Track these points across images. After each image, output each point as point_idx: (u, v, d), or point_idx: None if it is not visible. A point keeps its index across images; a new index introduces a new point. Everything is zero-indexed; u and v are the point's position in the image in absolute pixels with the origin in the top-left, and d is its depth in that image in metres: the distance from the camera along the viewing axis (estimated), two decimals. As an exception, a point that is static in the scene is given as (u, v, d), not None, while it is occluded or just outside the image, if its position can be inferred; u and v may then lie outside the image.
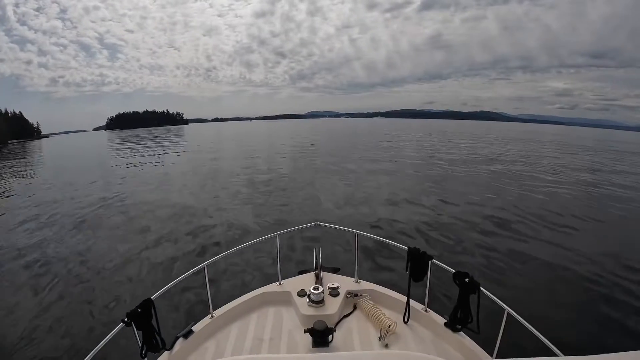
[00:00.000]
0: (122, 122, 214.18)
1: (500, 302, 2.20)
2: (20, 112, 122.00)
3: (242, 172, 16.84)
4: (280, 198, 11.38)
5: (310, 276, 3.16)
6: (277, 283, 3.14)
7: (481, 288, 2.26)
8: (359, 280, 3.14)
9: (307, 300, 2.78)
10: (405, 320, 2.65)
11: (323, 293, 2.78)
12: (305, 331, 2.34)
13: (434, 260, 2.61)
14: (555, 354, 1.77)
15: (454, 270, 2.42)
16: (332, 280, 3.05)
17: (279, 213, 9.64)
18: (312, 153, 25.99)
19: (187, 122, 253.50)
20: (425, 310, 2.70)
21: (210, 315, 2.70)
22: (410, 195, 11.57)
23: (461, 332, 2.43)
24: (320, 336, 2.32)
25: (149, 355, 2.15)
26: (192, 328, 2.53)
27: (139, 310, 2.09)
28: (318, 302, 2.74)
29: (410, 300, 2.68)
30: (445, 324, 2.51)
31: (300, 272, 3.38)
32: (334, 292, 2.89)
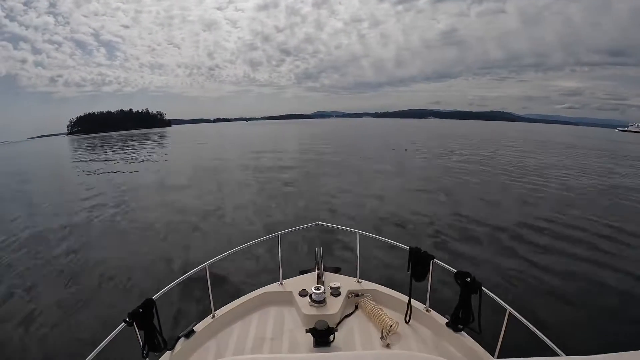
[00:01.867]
0: (88, 125, 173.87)
1: (502, 302, 2.19)
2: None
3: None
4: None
5: (312, 276, 3.16)
6: (279, 283, 3.14)
7: (482, 288, 2.26)
8: (360, 280, 3.14)
9: (309, 300, 2.78)
10: (407, 320, 2.65)
11: (324, 293, 2.79)
12: (307, 331, 2.35)
13: (435, 260, 2.61)
14: (556, 354, 1.77)
15: (455, 270, 2.42)
16: (333, 280, 3.05)
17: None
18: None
19: (169, 123, 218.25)
20: (427, 310, 2.70)
21: (211, 315, 2.71)
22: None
23: (463, 332, 2.43)
24: (322, 336, 2.32)
25: (151, 355, 2.15)
26: (194, 328, 2.54)
27: (141, 310, 2.09)
28: (319, 302, 2.74)
29: (412, 300, 2.68)
30: (447, 324, 2.51)
31: (302, 272, 3.38)
32: (335, 292, 2.89)
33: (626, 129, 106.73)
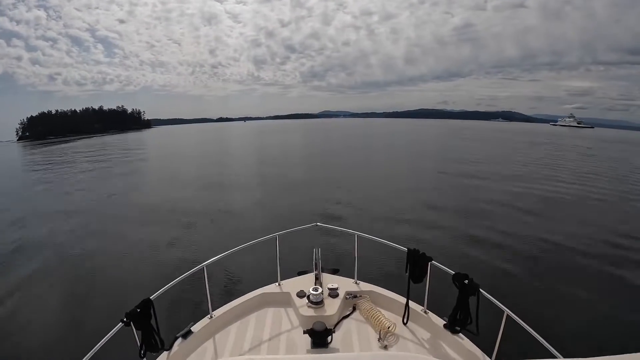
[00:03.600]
0: (42, 128, 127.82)
1: (500, 304, 2.19)
2: None
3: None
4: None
5: (310, 277, 3.16)
6: (277, 284, 3.14)
7: (480, 290, 2.26)
8: (358, 282, 3.14)
9: (307, 301, 2.78)
10: (405, 321, 2.65)
11: (322, 294, 2.78)
12: (305, 332, 2.35)
13: (433, 261, 2.61)
14: (554, 356, 1.77)
15: (453, 272, 2.42)
16: (331, 281, 3.05)
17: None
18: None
19: (149, 124, 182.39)
20: (425, 312, 2.70)
21: (209, 316, 2.70)
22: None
23: (460, 334, 2.42)
24: (320, 337, 2.32)
25: (148, 355, 2.15)
26: (192, 328, 2.53)
27: (138, 310, 2.09)
28: (317, 303, 2.74)
29: (410, 301, 2.68)
30: (445, 326, 2.51)
31: (300, 273, 3.38)
32: (333, 293, 2.89)
33: (556, 123, 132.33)
